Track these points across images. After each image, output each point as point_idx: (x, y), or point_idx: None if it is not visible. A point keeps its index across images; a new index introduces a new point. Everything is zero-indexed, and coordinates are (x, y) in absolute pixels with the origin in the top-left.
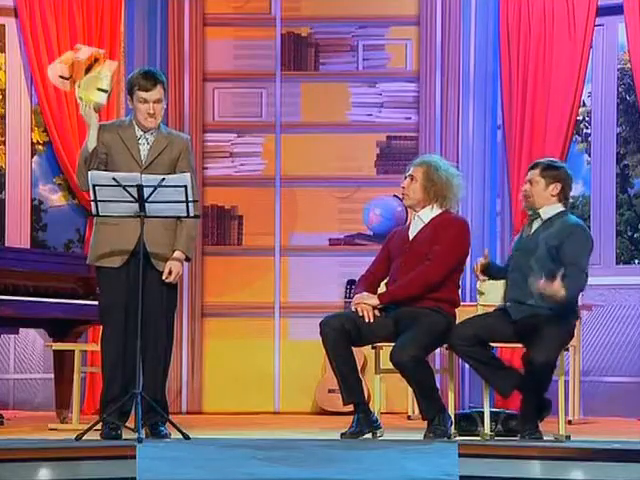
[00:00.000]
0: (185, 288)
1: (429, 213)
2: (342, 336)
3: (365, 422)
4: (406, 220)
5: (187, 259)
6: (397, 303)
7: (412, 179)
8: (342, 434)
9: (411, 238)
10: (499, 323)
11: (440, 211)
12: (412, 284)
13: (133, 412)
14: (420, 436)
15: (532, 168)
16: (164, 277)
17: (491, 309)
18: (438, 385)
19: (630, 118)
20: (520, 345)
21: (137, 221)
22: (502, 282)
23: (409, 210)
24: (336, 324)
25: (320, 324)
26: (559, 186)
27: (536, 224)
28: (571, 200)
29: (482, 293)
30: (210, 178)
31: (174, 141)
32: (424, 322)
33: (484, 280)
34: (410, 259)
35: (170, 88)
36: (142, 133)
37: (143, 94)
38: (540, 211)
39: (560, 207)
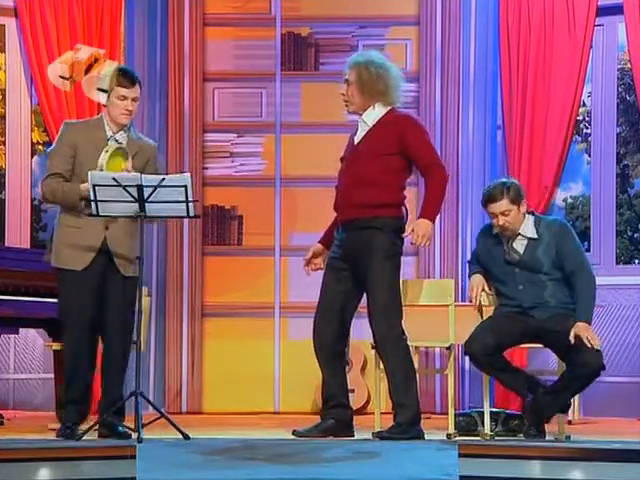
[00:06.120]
0: (185, 288)
1: (373, 114)
2: (330, 344)
3: (323, 430)
4: (405, 219)
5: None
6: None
7: (348, 83)
8: (294, 431)
9: (357, 142)
10: (516, 326)
11: (385, 110)
12: (439, 194)
13: (132, 412)
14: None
15: (493, 201)
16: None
17: (491, 309)
18: (438, 385)
19: (630, 118)
20: (537, 345)
21: (100, 223)
22: None
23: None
24: (325, 331)
25: (313, 326)
26: (524, 201)
27: (521, 243)
28: (570, 200)
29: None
30: (210, 178)
31: (144, 148)
32: (380, 287)
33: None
34: (354, 161)
35: (170, 88)
36: (112, 134)
37: (123, 91)
38: (520, 231)
39: (531, 217)
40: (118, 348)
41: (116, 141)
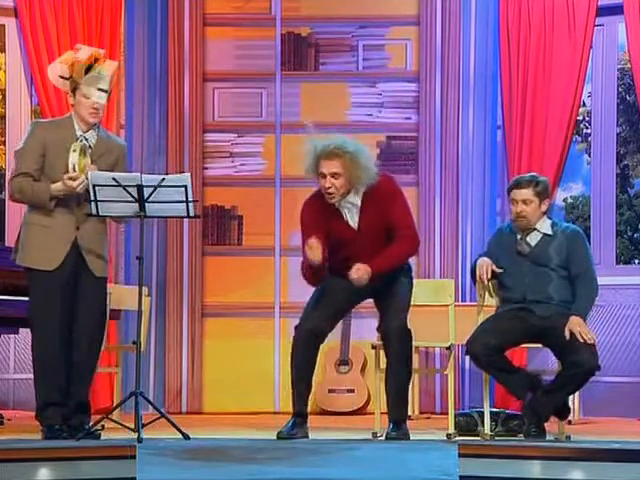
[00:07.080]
0: (185, 288)
1: (356, 196)
2: (308, 340)
3: (300, 427)
4: None
5: None
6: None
7: (335, 176)
8: (279, 433)
9: (355, 227)
10: (517, 325)
11: (364, 189)
12: (396, 261)
13: (132, 412)
14: (421, 436)
15: (518, 187)
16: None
17: (492, 309)
18: (438, 385)
19: (630, 118)
20: (536, 345)
21: (71, 223)
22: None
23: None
24: (312, 315)
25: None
26: (548, 202)
27: (535, 237)
28: (570, 200)
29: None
30: (210, 178)
31: (113, 147)
32: (401, 292)
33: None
34: (366, 245)
35: (170, 88)
36: (81, 133)
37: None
38: (537, 226)
39: (547, 219)
40: (87, 349)
41: (85, 140)
